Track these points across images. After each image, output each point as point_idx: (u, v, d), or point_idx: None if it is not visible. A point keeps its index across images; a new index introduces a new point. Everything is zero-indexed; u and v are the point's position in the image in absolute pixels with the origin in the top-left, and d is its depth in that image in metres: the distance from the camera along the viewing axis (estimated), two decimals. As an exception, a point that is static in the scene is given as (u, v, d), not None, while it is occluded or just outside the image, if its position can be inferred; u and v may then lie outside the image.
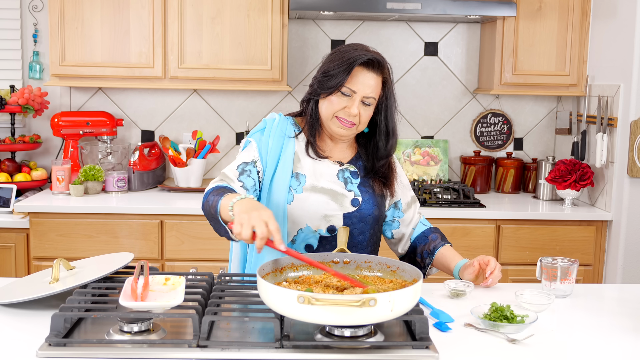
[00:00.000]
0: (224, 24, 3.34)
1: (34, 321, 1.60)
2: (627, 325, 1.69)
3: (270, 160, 1.96)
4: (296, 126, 2.03)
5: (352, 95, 1.89)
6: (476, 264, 1.94)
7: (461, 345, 1.53)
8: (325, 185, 1.95)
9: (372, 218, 1.99)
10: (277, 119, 2.03)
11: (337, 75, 1.88)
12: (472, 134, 3.84)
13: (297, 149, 1.99)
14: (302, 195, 1.93)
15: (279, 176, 1.94)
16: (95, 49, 3.33)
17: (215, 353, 1.42)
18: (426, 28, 3.75)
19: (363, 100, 1.90)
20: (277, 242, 1.56)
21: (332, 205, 1.94)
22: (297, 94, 3.76)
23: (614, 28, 3.23)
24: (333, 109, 1.91)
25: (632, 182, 3.14)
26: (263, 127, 2.02)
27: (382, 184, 2.02)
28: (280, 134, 1.99)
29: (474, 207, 3.28)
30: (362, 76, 1.89)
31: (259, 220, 1.56)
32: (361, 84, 1.89)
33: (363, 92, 1.89)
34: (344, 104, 1.90)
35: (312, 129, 1.99)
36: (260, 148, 1.97)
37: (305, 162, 1.98)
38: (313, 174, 1.96)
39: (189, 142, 3.66)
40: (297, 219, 1.93)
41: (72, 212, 3.12)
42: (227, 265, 3.13)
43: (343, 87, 1.89)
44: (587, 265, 3.28)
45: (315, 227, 1.94)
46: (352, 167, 2.01)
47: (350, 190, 1.97)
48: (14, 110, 3.46)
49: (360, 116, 1.91)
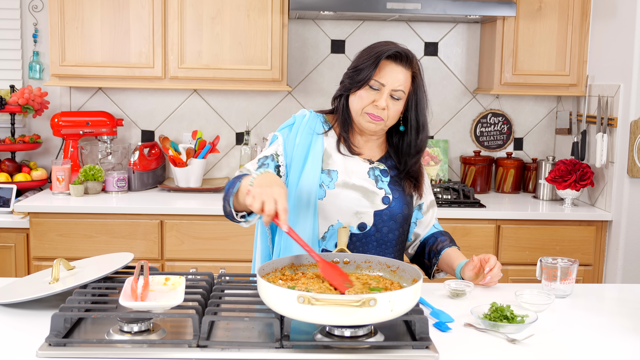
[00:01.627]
0: (224, 24, 3.34)
1: (34, 321, 1.60)
2: (627, 325, 1.69)
3: (297, 156, 1.97)
4: (326, 123, 2.04)
5: (380, 89, 1.91)
6: (476, 259, 1.94)
7: (461, 345, 1.53)
8: (357, 182, 1.96)
9: (402, 216, 2.00)
10: (307, 115, 2.03)
11: (366, 69, 1.91)
12: (472, 134, 3.84)
13: (327, 145, 2.00)
14: (334, 191, 1.94)
15: (308, 173, 1.95)
16: (95, 49, 3.33)
17: (215, 353, 1.42)
18: (426, 28, 3.75)
19: (392, 94, 1.91)
20: (281, 222, 1.61)
21: (363, 202, 1.95)
22: (297, 94, 3.76)
23: (614, 28, 3.23)
24: (362, 104, 1.93)
25: (632, 182, 3.14)
26: (292, 122, 2.03)
27: (412, 184, 2.03)
28: (309, 131, 2.00)
29: (474, 207, 3.28)
30: (389, 69, 1.91)
31: (270, 196, 1.61)
32: (389, 77, 1.90)
33: (391, 85, 1.90)
34: (372, 97, 1.91)
35: (345, 125, 2.01)
36: (286, 143, 1.99)
37: (336, 158, 1.98)
38: (344, 170, 1.97)
39: (189, 142, 3.66)
40: (329, 215, 1.94)
41: (72, 212, 3.12)
42: (227, 265, 3.14)
43: (371, 80, 1.90)
44: (587, 265, 3.28)
45: (346, 224, 1.94)
46: (381, 166, 2.02)
47: (381, 188, 1.98)
48: (14, 110, 3.46)
49: (388, 110, 1.91)
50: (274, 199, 1.61)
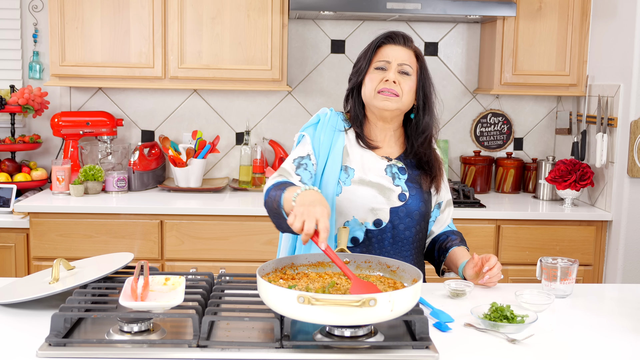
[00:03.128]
0: (224, 24, 3.34)
1: (34, 321, 1.60)
2: (627, 325, 1.69)
3: (322, 154, 2.00)
4: (346, 121, 2.06)
5: (387, 67, 1.95)
6: (477, 257, 1.95)
7: (461, 345, 1.53)
8: (373, 179, 1.97)
9: (419, 214, 2.00)
10: (329, 113, 2.06)
11: (366, 56, 1.98)
12: (472, 134, 3.84)
13: (347, 142, 2.02)
14: (350, 187, 1.96)
15: (329, 169, 1.97)
16: (95, 49, 3.33)
17: (215, 353, 1.42)
18: (426, 28, 3.75)
19: (399, 69, 1.95)
20: (320, 240, 1.57)
21: (379, 199, 1.96)
22: (297, 94, 3.76)
23: (614, 28, 3.23)
24: (373, 85, 1.96)
25: (632, 182, 3.14)
26: (316, 121, 2.05)
27: (428, 178, 2.04)
28: (331, 129, 2.03)
29: (474, 207, 3.28)
30: (389, 49, 1.97)
31: (311, 216, 1.59)
32: (391, 54, 1.96)
33: (395, 59, 1.95)
34: (381, 76, 1.95)
35: (356, 120, 2.03)
36: (314, 142, 2.01)
37: (354, 156, 2.00)
38: (361, 167, 1.99)
39: (189, 142, 3.66)
40: (344, 211, 1.95)
41: (72, 212, 3.12)
42: (227, 265, 3.14)
43: (373, 62, 1.96)
44: (587, 265, 3.28)
45: (362, 220, 1.95)
46: (399, 164, 2.03)
47: (397, 185, 1.99)
48: (14, 110, 3.46)
49: (400, 85, 1.94)
50: (315, 218, 1.58)
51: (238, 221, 3.15)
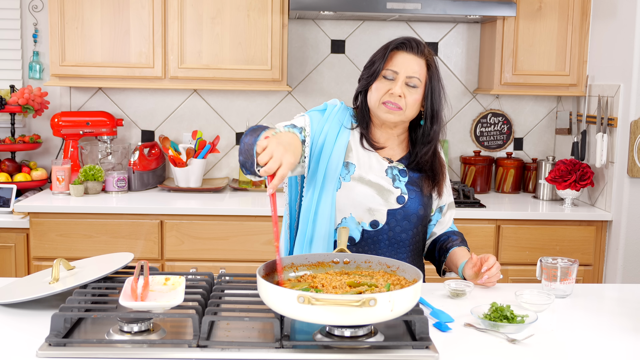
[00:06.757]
0: (224, 24, 3.34)
1: (34, 321, 1.60)
2: (627, 325, 1.69)
3: (322, 142, 1.97)
4: (354, 118, 2.06)
5: (395, 78, 1.93)
6: (475, 257, 1.95)
7: (461, 345, 1.53)
8: (373, 179, 1.97)
9: (417, 217, 2.00)
10: (338, 106, 2.05)
11: (377, 61, 1.96)
12: (472, 134, 3.84)
13: (351, 139, 2.01)
14: (349, 183, 1.95)
15: (332, 164, 1.96)
16: (95, 49, 3.33)
17: (215, 353, 1.42)
18: (426, 28, 3.75)
19: (407, 82, 1.93)
20: (270, 185, 1.60)
21: (377, 200, 1.96)
22: (297, 94, 3.76)
23: (614, 28, 3.23)
24: (379, 95, 1.94)
25: (632, 182, 3.14)
26: (323, 108, 2.04)
27: (430, 183, 2.03)
28: (338, 123, 2.01)
29: (474, 207, 3.28)
30: (400, 58, 1.94)
31: (278, 158, 1.60)
32: (401, 65, 1.93)
33: (404, 72, 1.92)
34: (387, 87, 1.94)
35: (362, 121, 2.03)
36: (313, 125, 1.99)
37: (357, 153, 2.00)
38: (362, 166, 1.98)
39: (189, 142, 3.66)
40: (342, 207, 1.95)
41: (72, 212, 3.12)
42: (227, 265, 3.14)
43: (383, 70, 1.94)
44: (587, 265, 3.28)
45: (359, 219, 1.95)
46: (400, 166, 2.02)
47: (397, 188, 1.99)
48: (14, 110, 3.46)
49: (405, 98, 1.93)
50: (280, 162, 1.60)
51: (238, 221, 3.15)
